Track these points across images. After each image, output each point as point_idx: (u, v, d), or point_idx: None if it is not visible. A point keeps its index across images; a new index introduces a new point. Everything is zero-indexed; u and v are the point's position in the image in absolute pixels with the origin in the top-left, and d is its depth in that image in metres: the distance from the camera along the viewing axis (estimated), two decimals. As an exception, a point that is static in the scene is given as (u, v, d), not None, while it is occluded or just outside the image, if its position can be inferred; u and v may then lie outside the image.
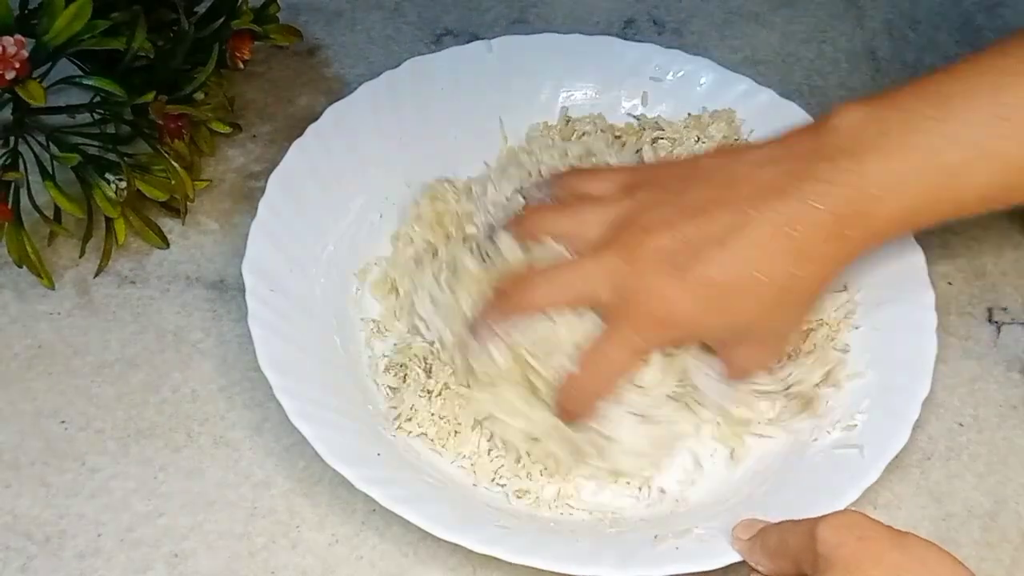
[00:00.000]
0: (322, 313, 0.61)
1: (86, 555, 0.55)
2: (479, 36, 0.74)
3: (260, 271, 0.60)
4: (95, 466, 0.58)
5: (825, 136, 0.56)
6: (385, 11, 0.78)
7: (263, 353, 0.57)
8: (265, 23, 0.70)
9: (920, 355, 0.59)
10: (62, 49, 0.60)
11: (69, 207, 0.62)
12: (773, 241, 0.55)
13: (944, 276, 0.66)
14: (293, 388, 0.56)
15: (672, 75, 0.70)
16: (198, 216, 0.67)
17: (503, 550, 0.52)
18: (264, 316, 0.58)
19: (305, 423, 0.55)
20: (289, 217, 0.62)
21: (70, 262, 0.65)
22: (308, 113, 0.69)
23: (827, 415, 0.59)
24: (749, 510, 0.54)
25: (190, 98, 0.65)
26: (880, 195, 0.55)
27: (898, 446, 0.56)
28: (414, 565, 0.55)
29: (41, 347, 0.62)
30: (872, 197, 0.55)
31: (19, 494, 0.57)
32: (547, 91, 0.70)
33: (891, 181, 0.55)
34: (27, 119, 0.62)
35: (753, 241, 0.55)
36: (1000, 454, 0.60)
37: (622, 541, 0.54)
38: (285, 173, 0.64)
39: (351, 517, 0.56)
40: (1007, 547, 0.57)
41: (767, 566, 0.51)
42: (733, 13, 0.79)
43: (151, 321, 0.63)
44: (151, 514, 0.56)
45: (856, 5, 0.79)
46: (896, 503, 0.58)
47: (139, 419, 0.59)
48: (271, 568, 0.55)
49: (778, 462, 0.58)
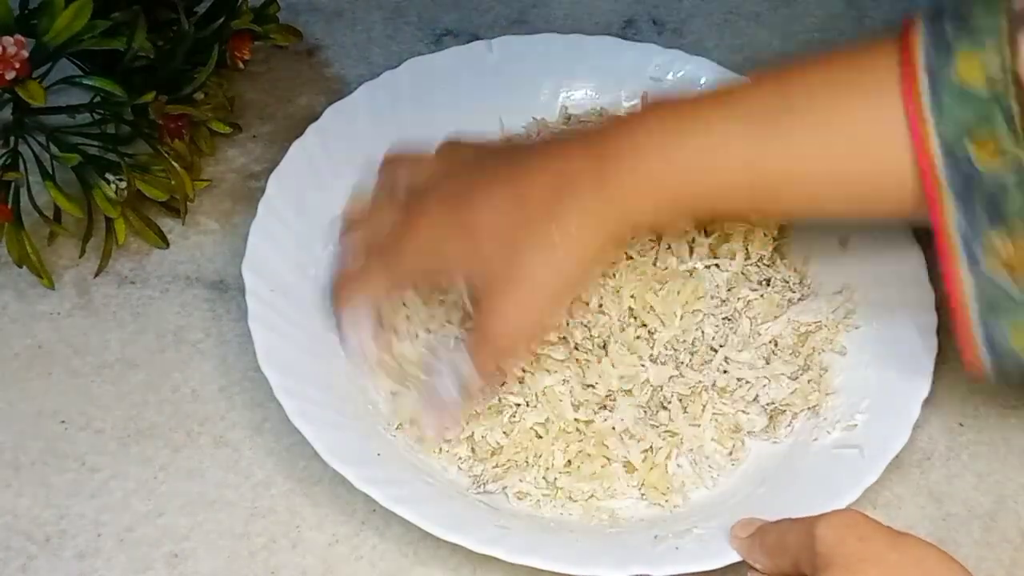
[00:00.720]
0: (322, 313, 0.61)
1: (86, 555, 0.55)
2: (479, 36, 0.74)
3: (260, 271, 0.60)
4: (95, 466, 0.58)
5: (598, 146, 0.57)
6: (385, 11, 0.78)
7: (263, 353, 0.57)
8: (265, 23, 0.70)
9: (920, 355, 0.59)
10: (62, 49, 0.60)
11: (69, 207, 0.62)
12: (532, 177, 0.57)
13: (944, 276, 0.66)
14: (293, 388, 0.56)
15: (672, 75, 0.70)
16: (198, 216, 0.67)
17: (503, 550, 0.52)
18: (264, 316, 0.58)
19: (305, 423, 0.55)
20: (289, 217, 0.62)
21: (70, 262, 0.65)
22: (308, 113, 0.69)
23: (827, 415, 0.59)
24: (749, 510, 0.54)
25: (190, 98, 0.65)
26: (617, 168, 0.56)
27: (898, 446, 0.56)
28: (414, 565, 0.55)
29: (41, 347, 0.62)
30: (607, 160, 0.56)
31: (19, 494, 0.57)
32: (547, 91, 0.70)
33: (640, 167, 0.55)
34: (27, 119, 0.62)
35: (509, 178, 0.57)
36: (1000, 454, 0.60)
37: (622, 541, 0.54)
38: (285, 173, 0.64)
39: (351, 517, 0.56)
40: (1007, 547, 0.57)
41: (765, 564, 0.51)
42: (733, 13, 0.79)
43: (151, 321, 0.63)
44: (151, 514, 0.56)
45: (856, 5, 0.79)
46: (896, 503, 0.58)
47: (139, 419, 0.59)
48: (271, 568, 0.55)
49: (778, 462, 0.58)
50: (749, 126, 0.54)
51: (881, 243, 0.63)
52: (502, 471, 0.57)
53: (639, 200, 0.55)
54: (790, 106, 0.54)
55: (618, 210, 0.56)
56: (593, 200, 0.55)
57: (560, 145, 0.59)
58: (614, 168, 0.55)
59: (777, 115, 0.54)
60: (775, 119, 0.54)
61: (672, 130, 0.55)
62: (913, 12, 0.53)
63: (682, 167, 0.55)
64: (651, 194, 0.55)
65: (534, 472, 0.57)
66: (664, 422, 0.58)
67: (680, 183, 0.55)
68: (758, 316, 0.61)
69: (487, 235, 0.56)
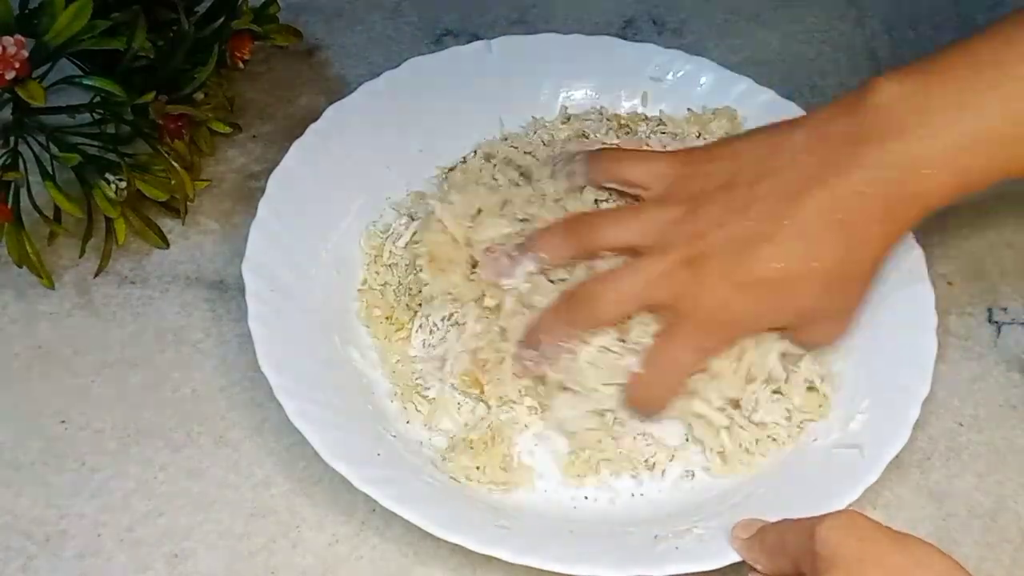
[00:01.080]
0: (322, 313, 0.61)
1: (86, 555, 0.55)
2: (479, 36, 0.74)
3: (260, 271, 0.60)
4: (95, 466, 0.58)
5: (864, 116, 0.56)
6: (385, 11, 0.78)
7: (263, 353, 0.57)
8: (265, 23, 0.70)
9: (920, 355, 0.59)
10: (62, 49, 0.60)
11: (69, 207, 0.62)
12: (823, 230, 0.55)
13: (944, 276, 0.66)
14: (293, 388, 0.56)
15: (672, 75, 0.70)
16: (198, 216, 0.67)
17: (503, 550, 0.52)
18: (264, 316, 0.58)
19: (305, 423, 0.55)
20: (289, 217, 0.62)
21: (70, 262, 0.65)
22: (308, 113, 0.69)
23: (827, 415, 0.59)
24: (749, 510, 0.54)
25: (190, 98, 0.65)
26: (930, 173, 0.55)
27: (898, 446, 0.56)
28: (414, 565, 0.55)
29: (41, 347, 0.62)
30: (922, 176, 0.55)
31: (19, 494, 0.57)
32: (547, 91, 0.70)
33: (940, 158, 0.55)
34: (27, 119, 0.62)
35: (802, 232, 0.55)
36: (1000, 454, 0.60)
37: (622, 541, 0.54)
38: (285, 173, 0.64)
39: (351, 517, 0.56)
40: (1007, 547, 0.57)
41: (766, 565, 0.51)
42: (733, 13, 0.79)
43: (151, 321, 0.63)
44: (151, 514, 0.56)
45: (856, 5, 0.79)
46: (896, 503, 0.58)
47: (139, 419, 0.59)
48: (271, 568, 0.55)
49: (778, 462, 0.58)
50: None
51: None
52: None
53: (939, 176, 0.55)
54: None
55: (919, 205, 0.56)
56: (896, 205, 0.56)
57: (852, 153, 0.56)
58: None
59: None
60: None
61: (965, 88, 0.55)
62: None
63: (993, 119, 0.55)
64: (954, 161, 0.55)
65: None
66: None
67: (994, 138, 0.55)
68: None
69: (796, 299, 0.57)
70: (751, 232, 0.56)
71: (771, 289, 0.56)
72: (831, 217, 0.55)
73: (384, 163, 0.66)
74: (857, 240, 0.56)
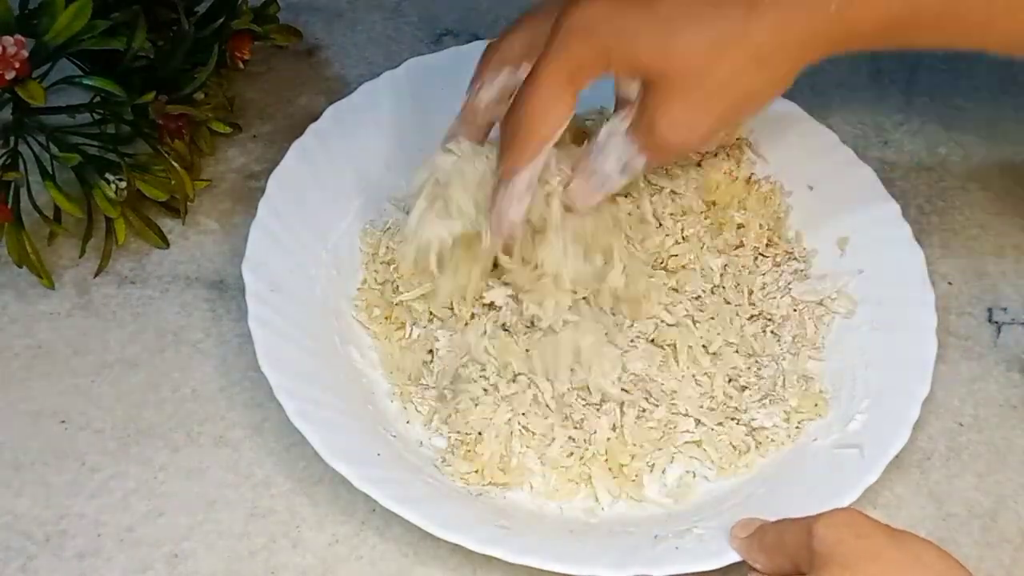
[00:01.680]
0: (322, 313, 0.61)
1: (86, 555, 0.55)
2: (479, 36, 0.74)
3: (260, 271, 0.60)
4: (95, 466, 0.58)
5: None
6: (385, 11, 0.78)
7: (263, 353, 0.57)
8: (265, 23, 0.70)
9: (920, 355, 0.59)
10: (62, 49, 0.60)
11: (69, 207, 0.62)
12: (730, 38, 0.51)
13: (944, 276, 0.66)
14: (293, 388, 0.56)
15: (672, 75, 0.70)
16: (198, 216, 0.67)
17: (503, 550, 0.52)
18: (264, 316, 0.58)
19: (305, 423, 0.55)
20: (289, 217, 0.62)
21: (70, 262, 0.65)
22: (308, 113, 0.69)
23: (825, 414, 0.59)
24: (749, 510, 0.54)
25: (190, 98, 0.65)
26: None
27: (898, 446, 0.56)
28: (414, 565, 0.55)
29: (41, 347, 0.62)
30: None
31: (19, 494, 0.57)
32: (547, 91, 0.70)
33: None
34: (27, 119, 0.62)
35: (713, 24, 0.51)
36: (1000, 454, 0.60)
37: (622, 541, 0.54)
38: (285, 173, 0.64)
39: (351, 517, 0.56)
40: (1007, 547, 0.57)
41: (764, 563, 0.51)
42: (733, 13, 0.78)
43: (151, 321, 0.63)
44: (151, 514, 0.56)
45: (856, 5, 0.79)
46: (896, 503, 0.58)
47: (139, 419, 0.59)
48: (271, 568, 0.55)
49: (778, 462, 0.58)
50: None
51: (881, 243, 0.63)
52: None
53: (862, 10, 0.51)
54: None
55: (833, 21, 0.51)
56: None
57: None
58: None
59: None
60: None
61: None
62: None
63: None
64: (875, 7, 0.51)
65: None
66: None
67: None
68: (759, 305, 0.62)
69: (670, 12, 0.51)
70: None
71: (662, 23, 0.51)
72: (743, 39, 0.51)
73: (384, 163, 0.66)
74: (763, 64, 0.52)
